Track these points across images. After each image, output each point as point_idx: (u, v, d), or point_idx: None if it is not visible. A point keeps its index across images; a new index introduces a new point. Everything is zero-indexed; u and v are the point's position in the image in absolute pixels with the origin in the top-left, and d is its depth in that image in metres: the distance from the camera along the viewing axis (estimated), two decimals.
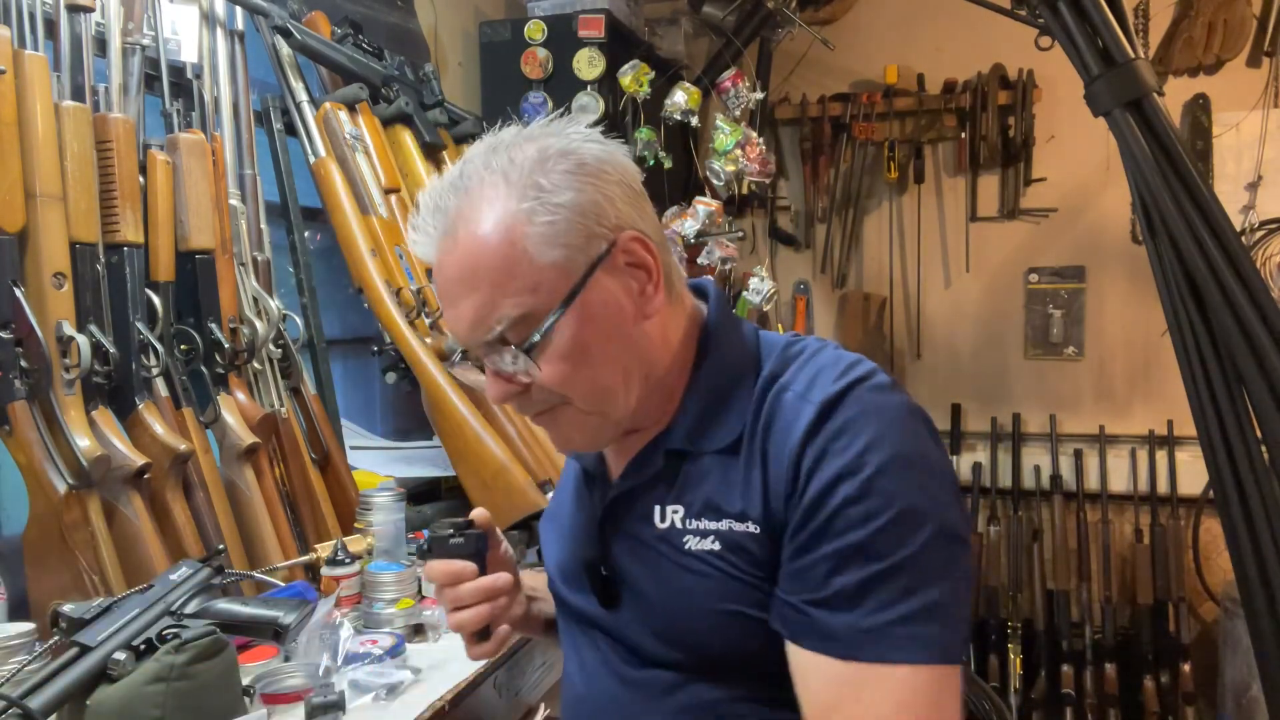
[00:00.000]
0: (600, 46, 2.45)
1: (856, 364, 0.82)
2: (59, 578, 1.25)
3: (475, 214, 0.78)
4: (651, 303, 0.82)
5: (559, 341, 0.79)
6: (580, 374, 0.81)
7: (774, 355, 0.86)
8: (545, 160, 0.79)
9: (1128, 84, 1.67)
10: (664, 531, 0.84)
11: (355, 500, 1.68)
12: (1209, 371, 1.65)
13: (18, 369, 1.23)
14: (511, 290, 0.78)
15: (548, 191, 0.78)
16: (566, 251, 0.78)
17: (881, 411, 0.78)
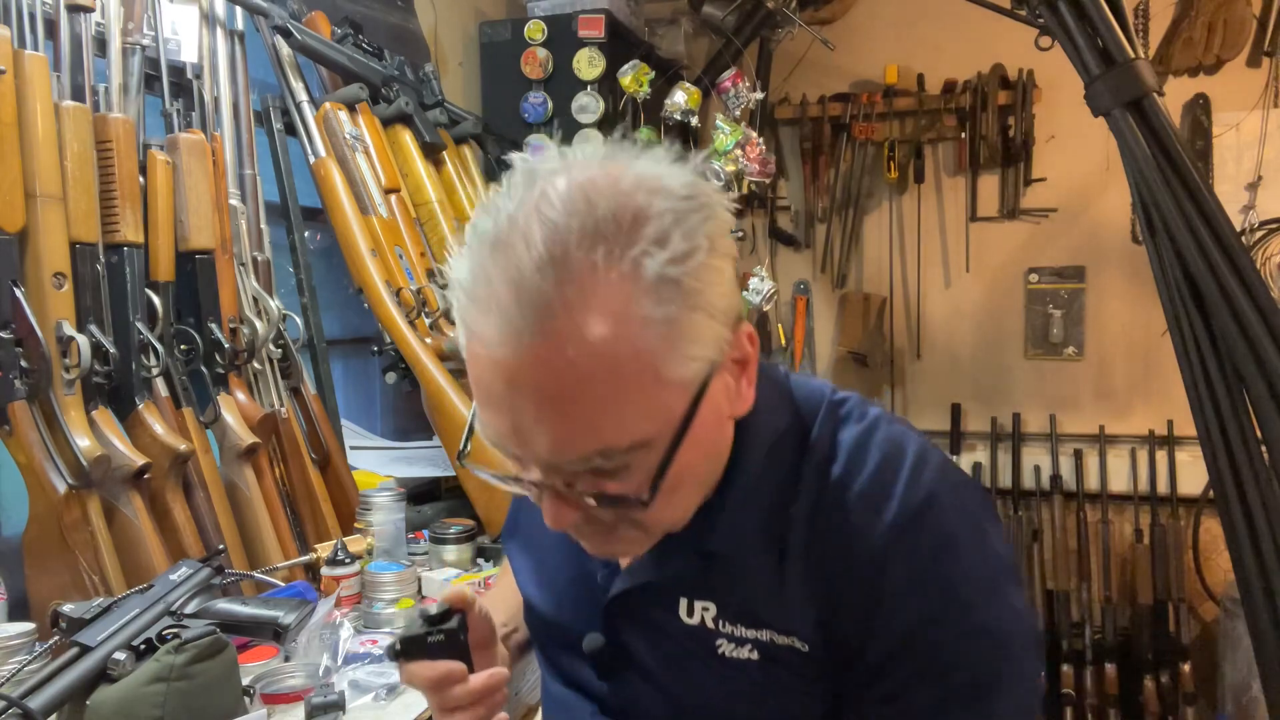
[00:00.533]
0: (600, 46, 2.45)
1: (920, 460, 0.71)
2: (59, 578, 1.25)
3: (587, 313, 0.58)
4: (744, 399, 0.69)
5: (673, 470, 0.64)
6: (675, 503, 0.68)
7: (818, 427, 0.74)
8: (686, 233, 0.60)
9: (1128, 84, 1.67)
10: (693, 629, 0.74)
11: (355, 500, 1.68)
12: (1209, 371, 1.65)
13: (18, 369, 1.23)
14: (627, 414, 0.60)
15: (688, 289, 0.60)
16: (697, 365, 0.62)
17: (964, 529, 0.70)
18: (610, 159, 0.64)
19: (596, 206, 0.60)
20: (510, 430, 0.62)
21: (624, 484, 0.64)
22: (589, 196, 0.60)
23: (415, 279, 1.90)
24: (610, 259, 0.59)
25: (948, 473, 0.72)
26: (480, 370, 0.63)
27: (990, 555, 0.71)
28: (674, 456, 0.63)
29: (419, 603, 1.47)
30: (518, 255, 0.59)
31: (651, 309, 0.59)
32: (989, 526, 0.72)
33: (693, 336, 0.61)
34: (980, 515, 0.72)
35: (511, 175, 0.64)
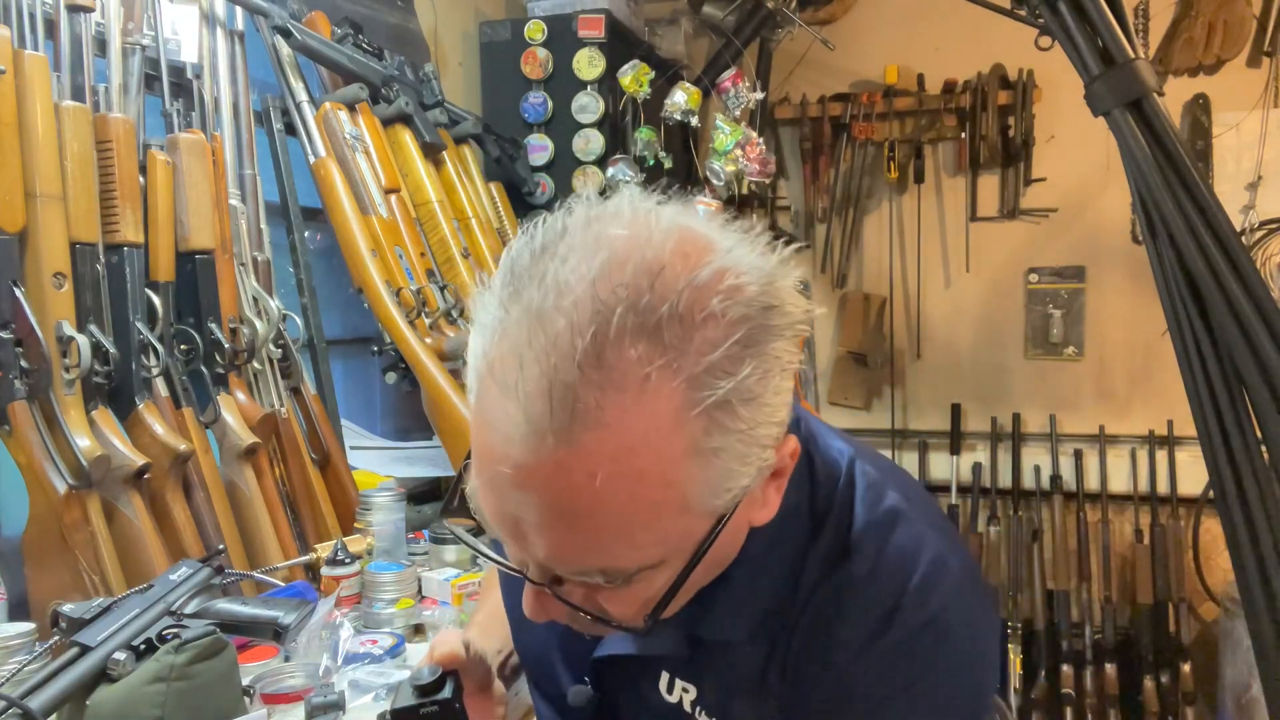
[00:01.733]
0: (600, 46, 2.45)
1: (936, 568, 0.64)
2: (59, 578, 1.25)
3: (624, 431, 0.50)
4: (770, 508, 0.62)
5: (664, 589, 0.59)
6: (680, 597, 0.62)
7: (830, 508, 0.67)
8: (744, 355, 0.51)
9: (1128, 84, 1.67)
10: (672, 706, 0.72)
11: (355, 500, 1.68)
12: (1209, 371, 1.65)
13: (18, 369, 1.23)
14: (638, 540, 0.55)
15: (743, 421, 0.52)
16: (732, 496, 0.55)
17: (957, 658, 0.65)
18: (688, 231, 0.54)
19: (664, 300, 0.50)
20: (509, 525, 0.56)
21: (621, 604, 0.59)
22: (656, 285, 0.50)
23: (415, 279, 1.90)
24: (666, 372, 0.50)
25: (958, 597, 0.66)
26: (488, 454, 0.54)
27: (969, 684, 0.67)
28: (684, 582, 0.58)
29: (419, 602, 1.47)
30: (560, 342, 0.50)
31: (700, 440, 0.51)
32: (979, 668, 0.68)
33: (738, 472, 0.54)
34: (976, 654, 0.67)
35: (569, 220, 0.55)
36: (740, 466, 0.54)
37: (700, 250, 0.53)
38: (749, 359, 0.51)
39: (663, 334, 0.50)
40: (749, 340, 0.52)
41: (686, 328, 0.50)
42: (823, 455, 0.70)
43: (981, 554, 3.09)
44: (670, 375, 0.50)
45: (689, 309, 0.51)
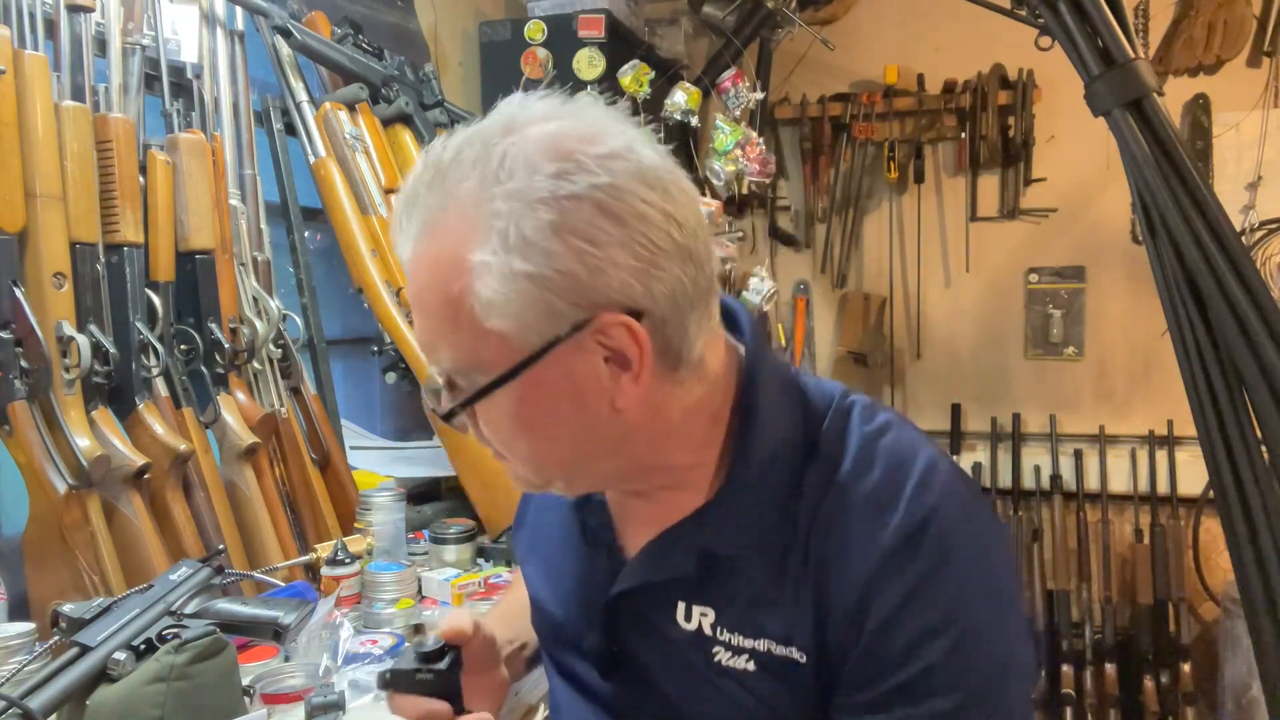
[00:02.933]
0: (600, 46, 2.45)
1: (929, 468, 0.70)
2: (59, 578, 1.25)
3: (438, 231, 0.65)
4: (625, 394, 0.67)
5: (495, 409, 0.68)
6: (515, 444, 0.71)
7: (825, 427, 0.73)
8: (544, 202, 0.62)
9: (1128, 84, 1.67)
10: (691, 634, 0.74)
11: (355, 500, 1.68)
12: (1209, 371, 1.65)
13: (18, 369, 1.23)
14: (450, 343, 0.67)
15: (515, 252, 0.62)
16: (514, 324, 0.64)
17: (969, 546, 0.69)
18: (572, 113, 0.67)
19: (504, 150, 0.64)
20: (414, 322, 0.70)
21: (450, 398, 0.70)
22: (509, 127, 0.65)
23: None
24: (481, 205, 0.63)
25: (956, 485, 0.71)
26: None
27: (992, 576, 0.69)
28: (483, 395, 0.67)
29: (419, 602, 1.47)
30: (422, 171, 0.67)
31: (485, 255, 0.63)
32: (993, 544, 0.71)
33: (511, 300, 0.63)
34: (985, 532, 0.71)
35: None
36: (520, 301, 0.63)
37: (556, 128, 0.65)
38: (539, 216, 0.62)
39: (490, 162, 0.63)
40: (548, 207, 0.62)
41: (511, 168, 0.63)
42: (817, 390, 0.77)
43: None
44: (476, 200, 0.63)
45: (516, 153, 0.63)
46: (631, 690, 0.79)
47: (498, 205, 0.63)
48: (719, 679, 0.72)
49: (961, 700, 0.66)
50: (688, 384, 0.71)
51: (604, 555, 0.80)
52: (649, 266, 0.64)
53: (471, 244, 0.63)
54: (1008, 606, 0.70)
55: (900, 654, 0.67)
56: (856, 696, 0.69)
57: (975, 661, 0.67)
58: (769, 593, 0.71)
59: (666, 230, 0.65)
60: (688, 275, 0.67)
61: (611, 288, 0.64)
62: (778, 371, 0.77)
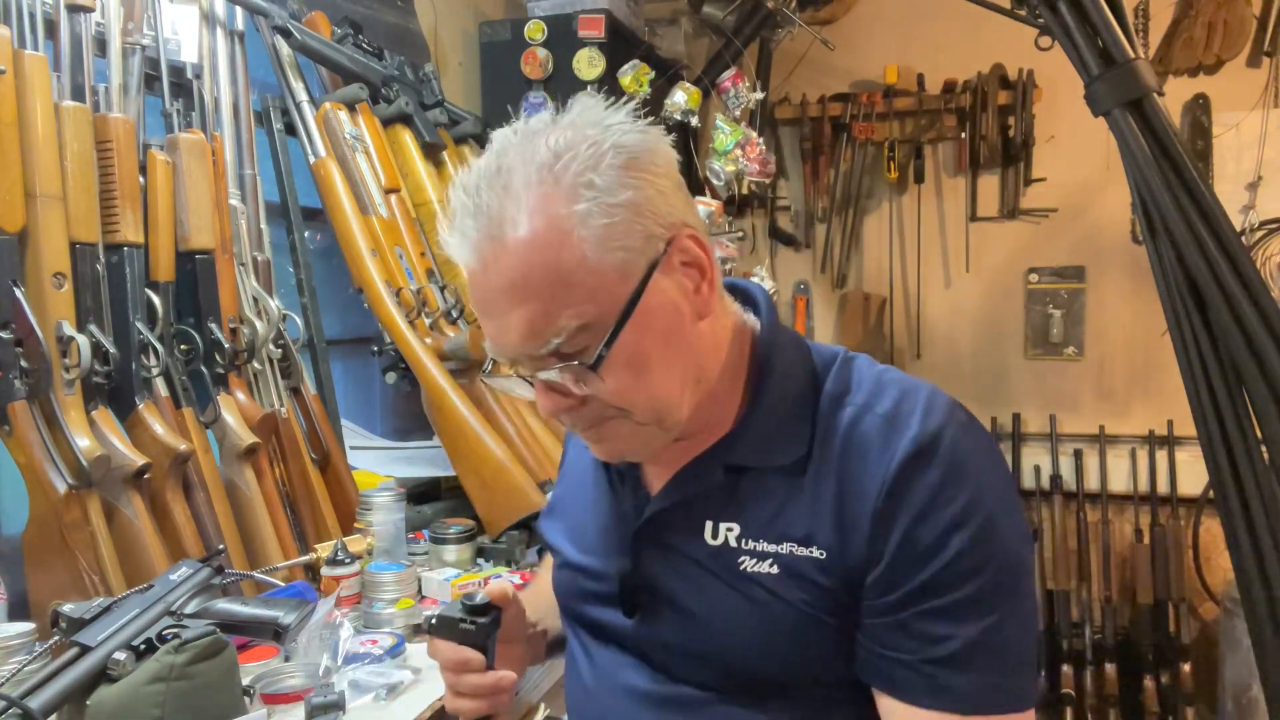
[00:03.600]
0: (600, 46, 2.45)
1: (935, 393, 0.80)
2: (59, 578, 1.25)
3: (523, 216, 0.71)
4: (708, 302, 0.78)
5: (621, 352, 0.73)
6: (641, 384, 0.76)
7: (831, 370, 0.83)
8: (596, 155, 0.72)
9: (1128, 84, 1.67)
10: (716, 549, 0.80)
11: (355, 500, 1.68)
12: (1209, 371, 1.65)
13: (18, 369, 1.23)
14: (570, 300, 0.72)
15: (602, 190, 0.71)
16: (626, 255, 0.72)
17: (979, 454, 0.77)
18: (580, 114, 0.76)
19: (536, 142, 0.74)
20: (496, 330, 0.75)
21: (594, 381, 0.75)
22: (532, 136, 0.74)
23: (415, 279, 1.90)
24: (541, 173, 0.72)
25: (958, 411, 0.80)
26: (471, 288, 0.76)
27: (1002, 478, 0.77)
28: (618, 334, 0.73)
29: (419, 602, 1.47)
30: (478, 186, 0.74)
31: (579, 206, 0.71)
32: (996, 455, 0.80)
33: (614, 230, 0.71)
34: (989, 446, 0.79)
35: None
36: (626, 229, 0.72)
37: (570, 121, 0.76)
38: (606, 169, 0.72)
39: (537, 156, 0.73)
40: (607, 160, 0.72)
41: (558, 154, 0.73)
42: (823, 348, 0.87)
43: None
44: (548, 178, 0.72)
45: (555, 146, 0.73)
46: (654, 622, 0.84)
47: (567, 170, 0.72)
48: (744, 585, 0.78)
49: (983, 584, 0.73)
50: (722, 313, 0.82)
51: (630, 494, 0.87)
52: (684, 194, 0.78)
53: (560, 206, 0.71)
54: (1016, 507, 0.78)
55: (929, 548, 0.73)
56: (889, 595, 0.75)
57: (995, 551, 0.74)
58: (790, 501, 0.78)
59: (677, 169, 0.78)
60: (697, 209, 0.80)
61: (675, 210, 0.76)
62: (786, 330, 0.87)
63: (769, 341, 0.84)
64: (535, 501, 1.72)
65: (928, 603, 0.73)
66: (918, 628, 0.74)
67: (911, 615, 0.74)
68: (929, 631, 0.73)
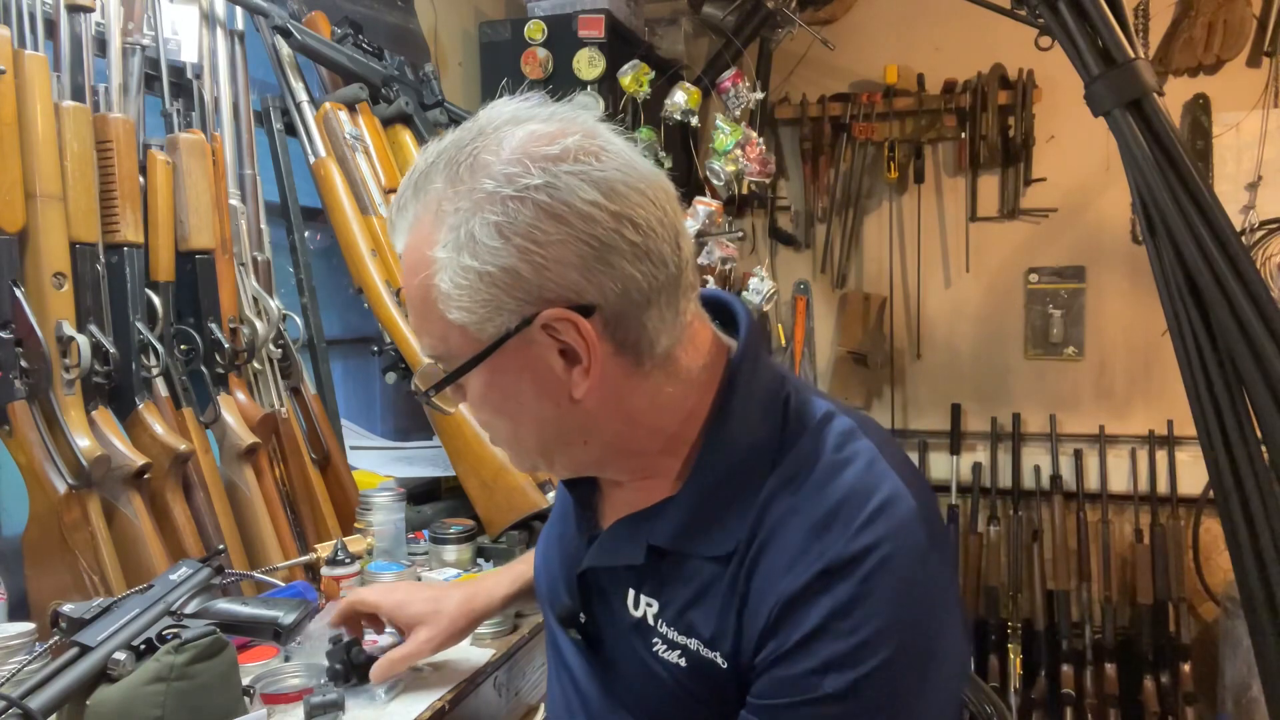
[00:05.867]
0: (600, 46, 2.45)
1: (890, 504, 0.69)
2: (59, 578, 1.25)
3: (414, 229, 0.72)
4: (579, 387, 0.71)
5: (471, 391, 0.75)
6: (495, 426, 0.78)
7: (796, 446, 0.74)
8: (491, 201, 0.67)
9: (1128, 84, 1.67)
10: (635, 621, 0.78)
11: (355, 500, 1.68)
12: (1209, 371, 1.65)
13: (18, 369, 1.23)
14: (426, 329, 0.74)
15: (465, 249, 0.67)
16: (470, 317, 0.69)
17: (900, 587, 0.67)
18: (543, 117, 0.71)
19: (469, 155, 0.69)
20: None
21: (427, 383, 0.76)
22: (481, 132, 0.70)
23: None
24: (442, 194, 0.69)
25: (908, 529, 0.69)
26: None
27: (919, 630, 0.68)
28: (455, 379, 0.73)
29: None
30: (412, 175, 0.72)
31: (440, 252, 0.69)
32: (932, 597, 0.69)
33: (459, 291, 0.68)
34: (926, 581, 0.69)
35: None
36: (470, 295, 0.68)
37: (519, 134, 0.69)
38: (488, 219, 0.67)
39: (458, 168, 0.69)
40: (500, 207, 0.66)
41: (474, 171, 0.68)
42: (800, 403, 0.77)
43: (981, 554, 3.09)
44: (440, 204, 0.69)
45: (479, 162, 0.68)
46: (604, 656, 0.83)
47: (453, 205, 0.68)
48: (654, 665, 0.76)
49: None
50: (654, 378, 0.73)
51: (585, 532, 0.85)
52: (595, 264, 0.67)
53: (434, 241, 0.69)
54: (937, 651, 0.69)
55: (802, 676, 0.67)
56: (756, 701, 0.71)
57: (879, 704, 0.66)
58: (707, 596, 0.73)
59: (614, 230, 0.68)
60: (642, 273, 0.69)
61: (555, 284, 0.68)
62: (763, 380, 0.77)
63: (730, 406, 0.75)
64: (535, 501, 1.72)
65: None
66: None
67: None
68: None
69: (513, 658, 1.38)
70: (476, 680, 1.26)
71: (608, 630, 0.82)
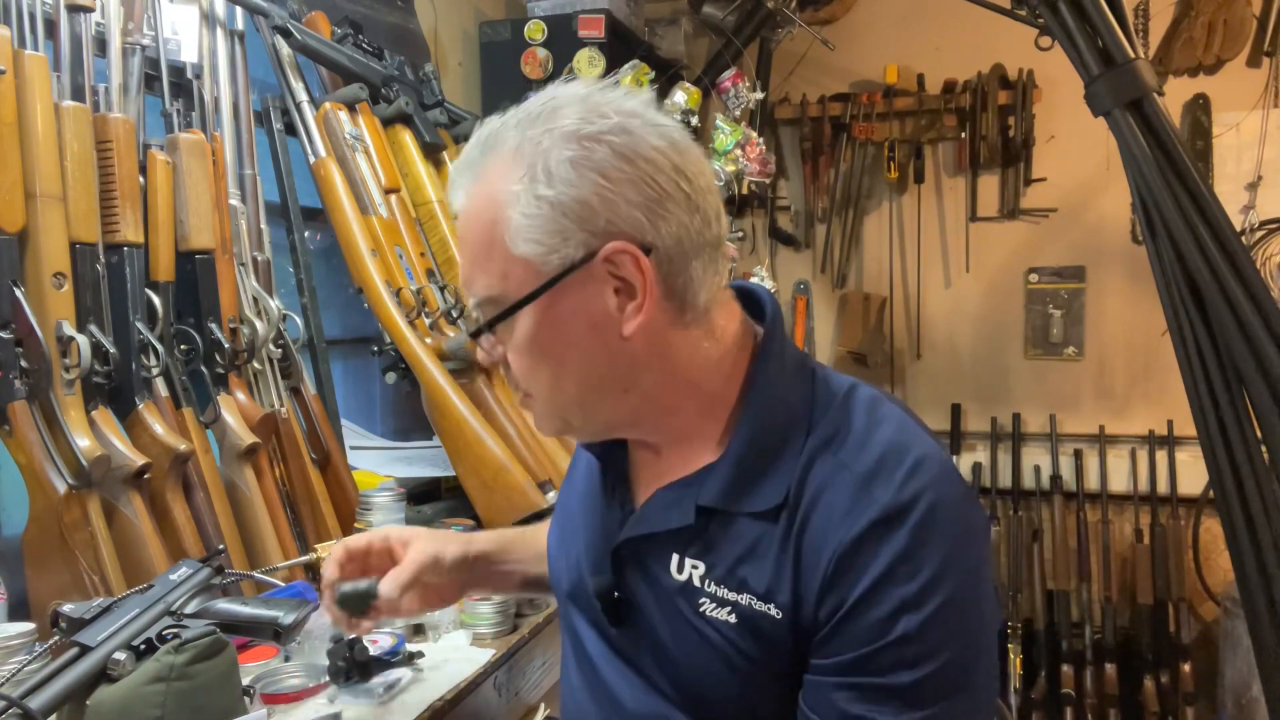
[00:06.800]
0: (600, 46, 2.45)
1: (927, 457, 0.74)
2: (59, 578, 1.25)
3: (482, 182, 0.76)
4: (630, 322, 0.74)
5: (519, 334, 0.77)
6: (537, 374, 0.78)
7: (830, 410, 0.78)
8: (569, 139, 0.73)
9: (1128, 84, 1.67)
10: (680, 585, 0.79)
11: (355, 500, 1.68)
12: (1209, 371, 1.65)
13: (18, 369, 1.23)
14: (486, 270, 0.76)
15: (540, 180, 0.72)
16: (537, 249, 0.73)
17: (955, 530, 0.72)
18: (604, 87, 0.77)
19: (545, 107, 0.75)
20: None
21: (511, 353, 0.79)
22: (551, 98, 0.76)
23: (415, 279, 1.90)
24: (516, 145, 0.74)
25: (947, 480, 0.74)
26: None
27: (970, 565, 0.72)
28: (509, 317, 0.76)
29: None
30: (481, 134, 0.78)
31: (516, 185, 0.73)
32: (975, 538, 0.74)
33: (533, 222, 0.73)
34: (969, 526, 0.74)
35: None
36: (543, 225, 0.72)
37: (588, 95, 0.76)
38: (563, 157, 0.72)
39: (530, 128, 0.74)
40: (571, 149, 0.72)
41: (548, 128, 0.73)
42: (825, 375, 0.83)
43: None
44: (515, 154, 0.74)
45: (553, 119, 0.74)
46: (636, 636, 0.83)
47: (530, 146, 0.73)
48: (701, 625, 0.77)
49: (923, 676, 0.69)
50: (694, 332, 0.78)
51: (617, 507, 0.86)
52: (656, 206, 0.73)
53: (508, 179, 0.74)
54: (985, 593, 0.74)
55: (875, 624, 0.70)
56: (827, 660, 0.72)
57: (946, 641, 0.70)
58: (756, 552, 0.75)
59: (674, 179, 0.74)
60: (693, 225, 0.75)
61: (621, 219, 0.73)
62: (790, 353, 0.82)
63: (767, 370, 0.80)
64: (535, 501, 1.72)
65: (858, 678, 0.70)
66: (842, 701, 0.71)
67: (839, 685, 0.71)
68: (853, 709, 0.70)
69: (513, 658, 1.38)
70: (476, 680, 1.26)
71: (645, 601, 0.82)
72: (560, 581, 0.94)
